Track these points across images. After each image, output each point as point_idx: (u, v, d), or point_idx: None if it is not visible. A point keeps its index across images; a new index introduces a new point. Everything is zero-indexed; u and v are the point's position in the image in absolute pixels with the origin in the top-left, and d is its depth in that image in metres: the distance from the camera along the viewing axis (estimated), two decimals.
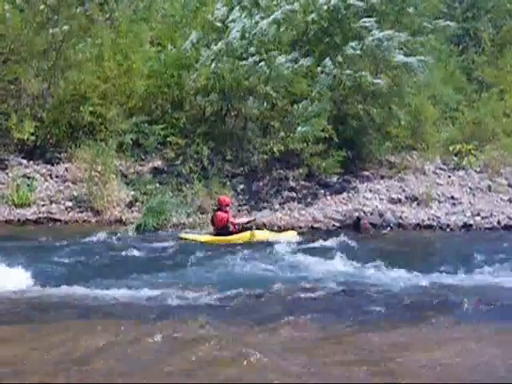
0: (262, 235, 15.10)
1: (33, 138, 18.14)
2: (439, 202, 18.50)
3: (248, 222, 15.51)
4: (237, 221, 15.51)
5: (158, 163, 18.80)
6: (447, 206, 18.34)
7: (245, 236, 14.92)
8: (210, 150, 18.29)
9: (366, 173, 19.51)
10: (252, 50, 18.09)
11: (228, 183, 17.91)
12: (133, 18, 20.85)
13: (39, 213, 16.71)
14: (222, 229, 15.09)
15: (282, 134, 18.01)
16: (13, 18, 18.74)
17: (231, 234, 15.04)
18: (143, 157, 18.81)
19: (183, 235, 15.17)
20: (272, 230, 16.03)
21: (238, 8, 18.53)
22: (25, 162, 18.39)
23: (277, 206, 17.66)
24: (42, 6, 18.88)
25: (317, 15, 18.66)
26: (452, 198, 18.70)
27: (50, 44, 19.04)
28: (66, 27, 18.60)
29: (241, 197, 17.85)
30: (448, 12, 22.57)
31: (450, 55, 24.45)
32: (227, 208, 15.31)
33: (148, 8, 21.52)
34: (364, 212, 17.52)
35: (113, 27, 20.45)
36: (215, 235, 15.14)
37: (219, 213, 15.16)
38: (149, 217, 16.05)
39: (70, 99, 18.92)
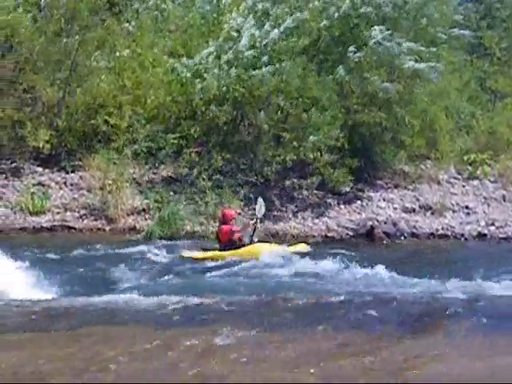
0: (270, 248, 14.17)
1: (48, 146, 18.23)
2: (453, 211, 18.46)
3: (253, 228, 14.49)
4: (240, 229, 14.41)
5: (172, 172, 18.85)
6: (461, 216, 18.28)
7: (252, 250, 13.93)
8: (223, 160, 18.31)
9: (380, 182, 19.49)
10: (264, 59, 18.09)
11: (241, 192, 17.91)
12: (149, 28, 20.91)
13: (54, 221, 16.79)
14: (228, 243, 14.09)
15: (295, 143, 17.96)
16: (28, 27, 18.90)
17: (239, 248, 14.05)
18: (157, 165, 18.85)
19: (185, 254, 14.29)
20: (283, 241, 15.80)
21: (251, 17, 18.55)
22: (40, 169, 18.50)
23: (290, 215, 17.65)
24: (56, 16, 18.97)
25: (328, 23, 18.66)
26: (466, 207, 18.65)
27: (65, 53, 19.13)
28: (79, 37, 18.71)
29: (254, 206, 17.83)
30: (463, 21, 22.50)
31: (464, 65, 24.38)
32: (232, 221, 14.33)
33: (166, 19, 21.57)
34: (378, 221, 17.49)
35: (129, 37, 20.53)
36: (221, 250, 14.13)
37: (224, 227, 14.23)
38: (161, 225, 16.08)
39: (85, 108, 19.04)
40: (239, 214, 15.71)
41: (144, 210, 17.30)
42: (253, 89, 18.05)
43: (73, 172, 18.60)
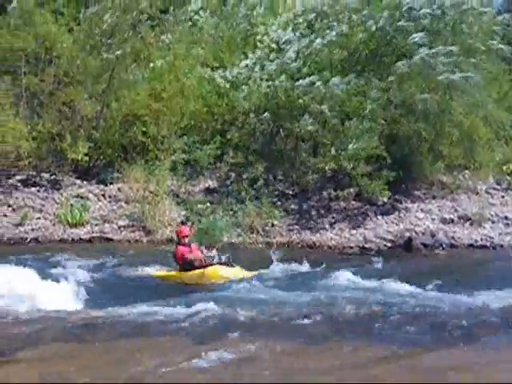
0: (226, 272, 12.86)
1: (86, 158, 18.45)
2: (492, 222, 18.22)
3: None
4: (196, 255, 13.03)
5: (210, 183, 18.95)
6: (500, 227, 18.03)
7: (209, 272, 12.74)
8: (261, 170, 18.34)
9: (418, 193, 19.34)
10: (305, 70, 18.12)
11: (278, 203, 17.91)
12: (185, 40, 21.07)
13: (92, 232, 16.95)
14: (184, 264, 12.97)
15: (333, 152, 17.91)
16: (67, 41, 19.18)
17: (196, 269, 12.86)
18: (195, 176, 18.93)
19: (156, 273, 13.33)
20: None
21: (290, 29, 18.63)
22: (79, 182, 18.73)
23: (327, 226, 17.59)
24: (96, 30, 19.21)
25: (366, 36, 18.66)
26: (505, 217, 18.40)
27: (104, 67, 19.35)
28: (119, 52, 18.92)
29: (291, 216, 17.84)
30: (501, 31, 22.27)
31: (503, 74, 24.11)
32: (186, 240, 13.12)
33: (200, 30, 21.73)
34: (416, 232, 17.33)
35: (166, 49, 20.70)
36: (180, 271, 13.05)
37: (179, 247, 13.08)
38: (199, 236, 16.08)
39: (123, 120, 19.22)
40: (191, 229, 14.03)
41: (182, 221, 17.36)
42: (294, 99, 18.05)
43: (111, 184, 18.79)
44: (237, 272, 12.90)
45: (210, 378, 7.62)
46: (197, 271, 12.74)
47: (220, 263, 13.00)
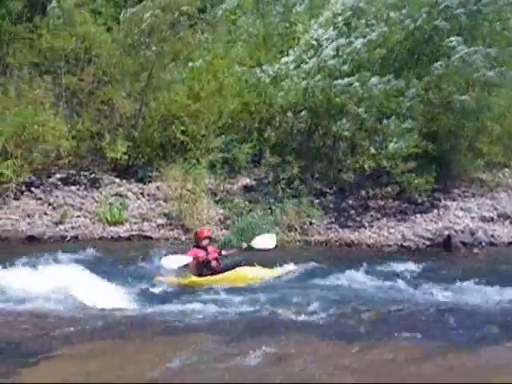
0: (252, 273, 12.57)
1: (125, 157, 18.58)
2: None
3: (234, 254, 13.14)
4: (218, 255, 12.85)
5: (248, 181, 18.98)
6: None
7: (230, 276, 12.42)
8: (299, 168, 18.34)
9: (457, 191, 19.16)
10: (345, 68, 18.06)
11: (316, 201, 17.89)
12: (223, 39, 21.12)
13: (131, 230, 17.09)
14: (203, 268, 12.60)
15: (373, 151, 17.84)
16: (106, 40, 19.36)
17: (215, 273, 12.56)
18: (233, 175, 18.97)
19: (158, 278, 12.66)
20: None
21: (332, 28, 18.57)
22: (118, 180, 18.86)
23: (365, 225, 17.54)
24: (135, 30, 19.35)
25: (403, 36, 18.54)
26: None
27: (142, 66, 19.48)
28: (156, 51, 19.04)
29: (329, 215, 17.81)
30: None
31: None
32: (207, 242, 12.78)
33: (238, 29, 21.75)
34: (455, 230, 17.20)
35: (204, 49, 20.77)
36: (198, 275, 12.59)
37: (196, 250, 12.69)
38: (238, 235, 16.12)
39: (161, 119, 19.34)
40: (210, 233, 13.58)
41: (220, 219, 17.42)
42: (331, 97, 18.01)
43: (150, 182, 18.89)
44: (262, 272, 12.62)
45: (245, 378, 7.64)
46: (222, 275, 12.38)
47: (241, 265, 12.63)
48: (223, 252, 13.00)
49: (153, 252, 13.99)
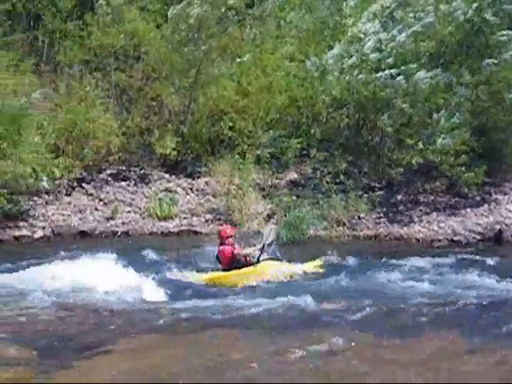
0: (278, 267, 12.49)
1: (174, 152, 18.70)
2: None
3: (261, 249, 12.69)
4: (244, 252, 12.66)
5: (295, 176, 18.96)
6: None
7: (254, 270, 12.33)
8: (347, 163, 18.29)
9: (508, 184, 18.87)
10: (389, 61, 17.90)
11: (365, 196, 17.82)
12: (271, 34, 21.11)
13: (181, 225, 17.19)
14: (230, 264, 12.47)
15: (421, 146, 17.70)
16: (155, 37, 19.53)
17: (244, 267, 12.47)
18: (280, 170, 18.99)
19: (183, 274, 12.60)
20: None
21: (377, 22, 18.42)
22: (167, 176, 18.98)
23: (415, 219, 17.42)
24: (183, 26, 19.46)
25: (454, 28, 18.30)
26: None
27: (190, 62, 19.58)
28: (204, 47, 19.13)
29: (378, 209, 17.72)
30: None
31: None
32: (230, 240, 12.65)
33: (288, 24, 21.73)
34: (506, 225, 17.00)
35: (251, 43, 20.80)
36: (224, 271, 12.48)
37: (222, 247, 12.60)
38: (286, 229, 16.15)
39: (210, 114, 19.43)
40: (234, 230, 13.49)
41: (268, 214, 17.45)
42: (376, 91, 17.90)
43: (198, 178, 18.98)
44: (287, 267, 12.50)
45: (294, 367, 7.69)
46: (246, 269, 12.28)
47: (271, 258, 12.57)
48: (237, 250, 12.61)
49: (201, 247, 14.15)
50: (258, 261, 12.44)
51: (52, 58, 20.84)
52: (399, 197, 18.22)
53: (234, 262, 12.40)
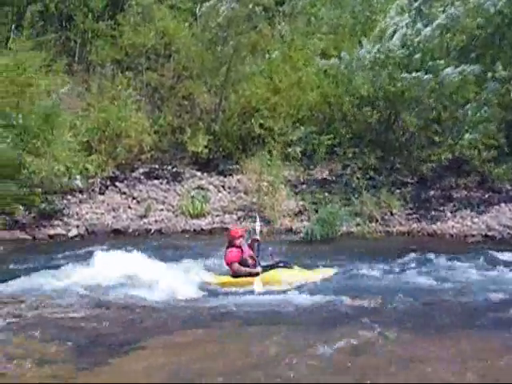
0: (288, 275, 11.80)
1: (206, 150, 18.80)
2: None
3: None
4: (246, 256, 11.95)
5: (326, 173, 18.97)
6: None
7: (265, 278, 11.62)
8: (377, 159, 18.24)
9: None
10: (417, 57, 17.78)
11: (397, 191, 17.76)
12: (301, 30, 21.08)
13: (213, 223, 17.27)
14: (236, 271, 11.88)
15: (450, 141, 17.59)
16: (185, 35, 19.62)
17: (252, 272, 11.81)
18: (311, 167, 18.99)
19: (214, 280, 12.03)
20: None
21: (406, 16, 18.30)
22: (199, 174, 19.11)
23: (448, 215, 17.33)
24: (213, 24, 19.53)
25: (484, 20, 18.12)
26: None
27: (221, 60, 19.65)
28: (234, 44, 19.17)
29: (411, 205, 17.66)
30: None
31: None
32: (241, 241, 12.02)
33: (318, 21, 21.68)
34: None
35: (281, 40, 20.80)
36: (233, 276, 11.89)
37: (230, 249, 11.98)
38: (318, 226, 16.15)
39: (240, 112, 19.49)
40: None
41: (300, 211, 17.47)
42: (404, 89, 17.79)
43: (230, 175, 19.11)
44: (300, 274, 11.91)
45: (324, 368, 7.69)
46: (255, 278, 11.60)
47: (278, 266, 12.03)
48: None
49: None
50: (271, 267, 11.97)
51: (84, 58, 21.03)
52: (432, 192, 18.16)
53: (241, 266, 11.82)
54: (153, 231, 16.89)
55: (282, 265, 12.10)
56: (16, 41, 18.17)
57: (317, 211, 16.85)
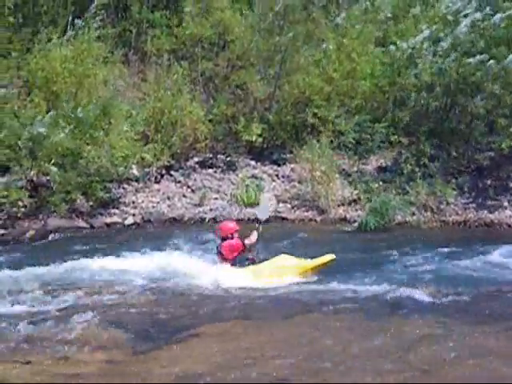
0: (289, 263, 11.60)
1: (260, 139, 18.86)
2: None
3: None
4: (247, 241, 11.74)
5: (381, 162, 18.84)
6: None
7: (268, 265, 11.52)
8: (433, 148, 18.05)
9: None
10: (481, 44, 17.50)
11: (453, 181, 17.55)
12: (357, 19, 20.91)
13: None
14: (235, 259, 11.68)
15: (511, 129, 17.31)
16: (241, 25, 19.69)
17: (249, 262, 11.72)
18: (366, 155, 18.88)
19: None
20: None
21: (473, 2, 18.01)
22: (253, 163, 19.17)
23: (505, 204, 17.08)
24: (269, 14, 19.55)
25: None
26: None
27: (276, 49, 19.65)
28: (291, 34, 19.14)
29: (467, 195, 17.45)
30: None
31: None
32: (235, 235, 11.73)
33: (376, 9, 21.50)
34: None
35: (337, 29, 20.68)
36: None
37: (227, 243, 11.66)
38: (372, 215, 16.07)
39: (294, 101, 19.47)
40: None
41: (354, 200, 17.41)
42: (467, 75, 17.55)
43: (284, 164, 19.11)
44: (299, 262, 11.62)
45: (377, 353, 7.69)
46: (257, 265, 11.52)
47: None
48: (246, 241, 11.75)
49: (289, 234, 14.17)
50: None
51: (140, 48, 21.21)
52: (489, 181, 17.87)
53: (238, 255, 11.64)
54: (208, 219, 16.99)
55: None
56: (78, 32, 18.36)
57: (370, 200, 16.75)
